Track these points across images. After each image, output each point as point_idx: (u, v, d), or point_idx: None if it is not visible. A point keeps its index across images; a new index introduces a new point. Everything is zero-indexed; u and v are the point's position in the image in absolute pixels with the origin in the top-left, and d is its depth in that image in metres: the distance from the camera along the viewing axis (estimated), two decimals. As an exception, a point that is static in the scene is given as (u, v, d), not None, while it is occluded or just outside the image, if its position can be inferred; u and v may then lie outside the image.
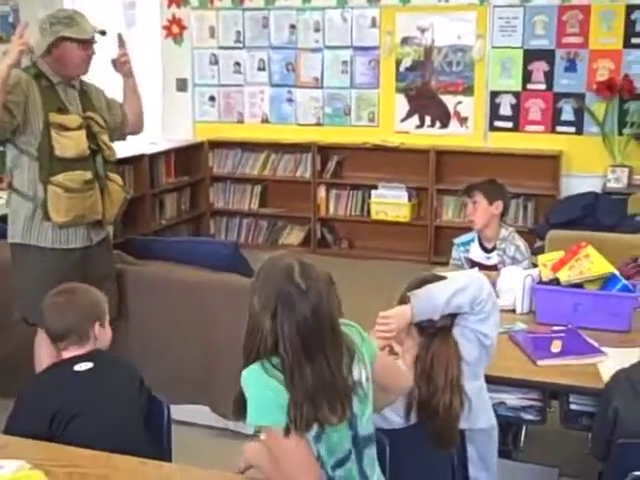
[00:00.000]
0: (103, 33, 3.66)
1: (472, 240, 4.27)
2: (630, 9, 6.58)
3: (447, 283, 2.45)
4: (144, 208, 6.95)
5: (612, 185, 6.66)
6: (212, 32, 7.79)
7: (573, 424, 2.80)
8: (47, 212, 3.57)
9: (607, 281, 3.19)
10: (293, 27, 7.52)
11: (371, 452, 2.07)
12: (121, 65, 3.89)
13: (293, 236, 7.79)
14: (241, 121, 7.87)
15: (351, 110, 7.51)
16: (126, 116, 3.98)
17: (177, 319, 4.07)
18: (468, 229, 6.95)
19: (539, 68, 6.88)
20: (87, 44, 3.62)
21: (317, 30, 7.45)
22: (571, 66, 6.79)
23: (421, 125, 7.33)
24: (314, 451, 1.95)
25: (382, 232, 7.45)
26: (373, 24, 7.27)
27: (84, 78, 3.82)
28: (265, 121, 7.79)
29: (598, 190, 6.62)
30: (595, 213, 6.12)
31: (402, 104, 7.34)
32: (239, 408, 1.95)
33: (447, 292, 2.38)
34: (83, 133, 3.66)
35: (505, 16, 6.89)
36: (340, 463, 2.00)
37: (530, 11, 6.83)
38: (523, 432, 3.68)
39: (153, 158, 7.12)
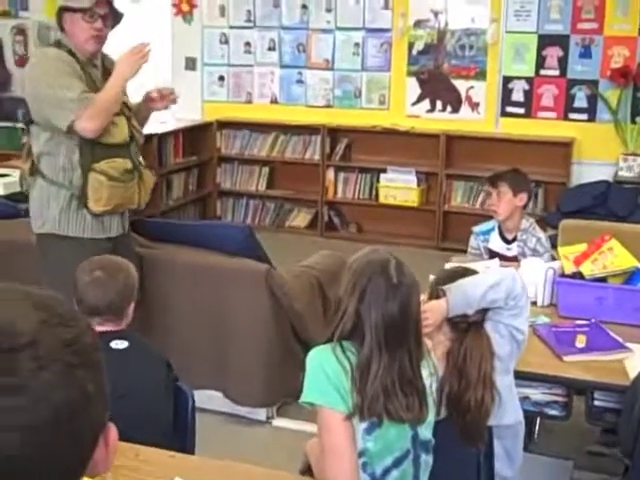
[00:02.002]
0: (108, 5, 3.38)
1: (492, 230, 4.22)
2: (647, -4, 6.51)
3: (482, 277, 2.43)
4: (154, 189, 6.89)
5: (624, 174, 6.61)
6: (222, 11, 7.70)
7: (597, 420, 2.77)
8: (85, 200, 3.39)
9: (631, 275, 3.16)
10: (305, 7, 7.43)
11: (428, 459, 2.08)
12: (162, 100, 3.66)
13: (300, 218, 7.75)
14: (250, 101, 7.80)
15: (361, 93, 7.44)
16: None
17: (191, 303, 4.05)
18: (478, 215, 6.97)
19: (553, 54, 6.82)
20: (91, 15, 3.34)
21: (329, 10, 7.37)
22: (586, 52, 6.73)
23: (432, 109, 7.26)
24: (361, 444, 1.96)
25: (390, 216, 7.41)
26: (386, 6, 7.18)
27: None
28: (274, 102, 7.73)
29: (609, 179, 6.58)
30: (607, 202, 6.09)
31: (413, 88, 7.27)
32: None
33: (482, 287, 2.35)
34: (124, 118, 3.48)
35: (520, 0, 6.81)
36: (397, 463, 2.01)
37: (545, -4, 6.76)
38: (537, 425, 3.67)
39: (162, 138, 7.06)
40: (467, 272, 2.50)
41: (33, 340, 0.88)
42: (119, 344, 2.40)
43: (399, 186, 7.24)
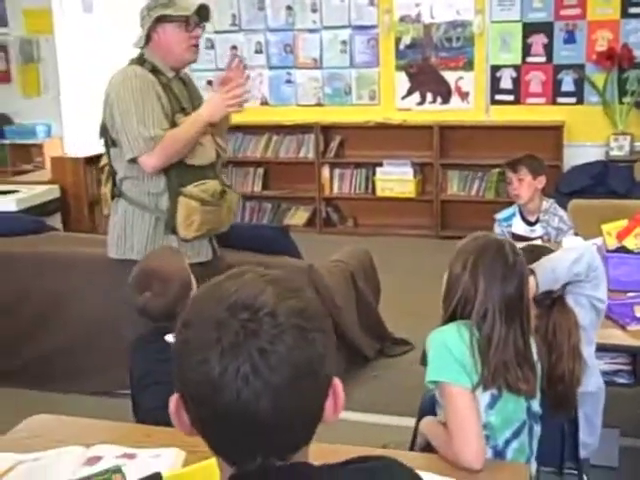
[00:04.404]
0: (203, 10, 3.20)
1: (513, 215, 4.36)
2: (627, -21, 6.72)
3: (564, 253, 2.57)
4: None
5: (615, 153, 6.83)
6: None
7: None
8: (174, 226, 3.17)
9: (675, 247, 3.32)
10: (290, 8, 7.53)
11: (538, 429, 2.20)
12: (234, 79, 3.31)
13: (298, 216, 7.84)
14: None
15: (351, 89, 7.56)
16: None
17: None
18: (474, 202, 7.14)
19: (538, 41, 7.00)
20: (189, 24, 3.16)
21: (314, 10, 7.48)
22: (570, 38, 6.92)
23: (422, 102, 7.41)
24: (484, 420, 2.06)
25: (387, 209, 7.54)
26: (371, 3, 7.32)
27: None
28: (265, 103, 7.81)
29: (601, 159, 6.78)
30: (606, 181, 6.28)
31: (403, 82, 7.41)
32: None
33: (567, 262, 2.48)
34: (209, 136, 3.26)
35: (503, -10, 7.00)
36: (516, 434, 2.12)
37: (528, -16, 6.94)
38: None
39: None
40: (546, 249, 2.64)
41: (272, 310, 1.04)
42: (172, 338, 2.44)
43: (395, 178, 7.37)
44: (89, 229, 5.84)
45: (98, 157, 5.98)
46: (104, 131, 3.24)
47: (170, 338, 2.40)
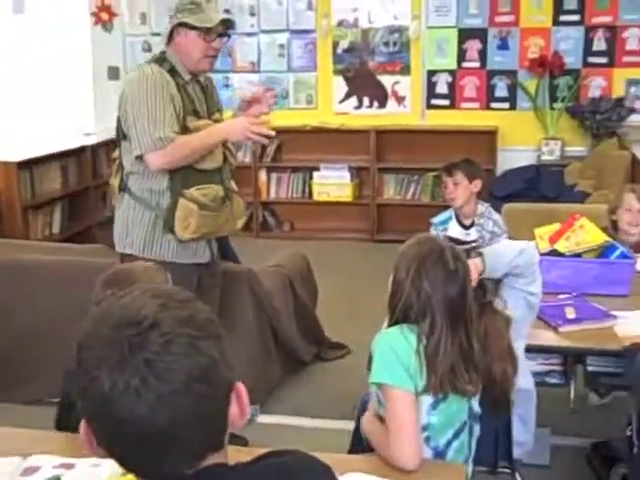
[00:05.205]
0: (227, 23, 3.27)
1: (450, 218, 4.42)
2: (559, -13, 6.88)
3: (509, 244, 2.66)
4: (88, 200, 6.85)
5: (546, 157, 6.98)
6: (144, 18, 7.69)
7: (597, 384, 2.99)
8: (171, 226, 3.21)
9: (604, 250, 3.40)
10: (227, 12, 7.48)
11: (477, 429, 2.23)
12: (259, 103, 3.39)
13: (235, 221, 7.80)
14: (177, 108, 7.80)
15: (289, 93, 7.58)
16: None
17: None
18: (409, 206, 7.21)
19: (473, 47, 7.12)
20: (210, 34, 3.19)
21: (252, 14, 7.48)
22: (503, 44, 7.06)
23: (359, 106, 7.47)
24: (426, 421, 2.10)
25: (324, 213, 7.58)
26: (309, 7, 7.36)
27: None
28: (202, 107, 7.75)
29: (533, 163, 6.92)
30: (538, 185, 6.41)
31: (340, 86, 7.47)
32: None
33: (512, 252, 2.54)
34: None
35: (439, -4, 7.09)
36: (457, 434, 2.17)
37: (463, -9, 7.05)
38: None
39: (95, 149, 7.01)
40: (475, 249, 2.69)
41: (155, 321, 1.05)
42: None
43: (332, 182, 7.41)
44: (23, 235, 5.72)
45: (33, 161, 5.95)
46: (118, 124, 3.26)
47: None
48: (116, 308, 1.09)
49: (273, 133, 3.26)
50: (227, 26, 3.31)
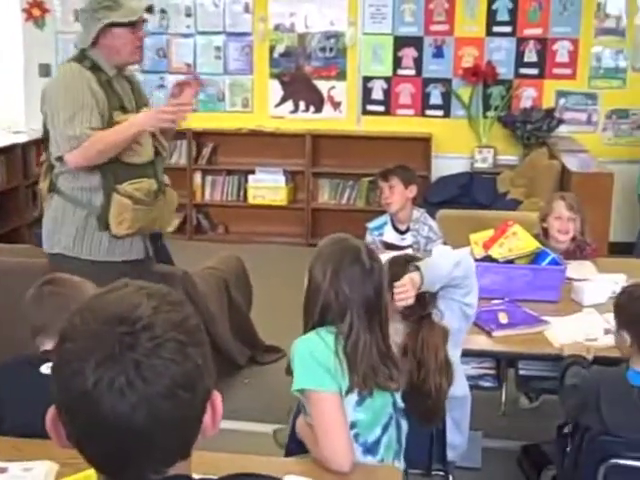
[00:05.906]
0: (149, 10, 3.31)
1: (385, 223, 4.45)
2: (491, -2, 7.01)
3: (446, 256, 2.64)
4: (18, 199, 6.72)
5: (479, 165, 7.10)
6: (77, 16, 7.53)
7: (528, 387, 3.05)
8: (106, 222, 3.19)
9: (536, 256, 3.47)
10: (164, 12, 7.44)
11: (404, 424, 2.24)
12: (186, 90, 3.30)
13: (169, 223, 7.73)
14: (110, 108, 7.69)
15: (225, 96, 7.54)
16: None
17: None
18: (344, 211, 7.25)
19: (408, 54, 7.19)
20: (137, 26, 3.20)
21: (189, 15, 7.42)
22: (438, 52, 7.15)
23: (295, 110, 7.47)
24: (353, 418, 2.11)
25: (259, 216, 7.56)
26: (246, 10, 7.33)
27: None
28: (136, 107, 7.66)
29: (466, 170, 7.03)
30: (471, 192, 6.52)
31: (276, 90, 7.46)
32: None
33: (449, 264, 2.55)
34: (147, 134, 3.24)
35: (375, 3, 7.14)
36: (385, 428, 2.19)
37: (399, -1, 7.12)
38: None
39: (25, 147, 6.87)
40: (417, 258, 2.70)
41: (149, 323, 1.04)
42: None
43: (267, 186, 7.39)
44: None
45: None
46: (43, 126, 3.24)
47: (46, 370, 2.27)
48: (107, 303, 1.08)
49: (189, 109, 3.24)
50: (148, 10, 3.37)
